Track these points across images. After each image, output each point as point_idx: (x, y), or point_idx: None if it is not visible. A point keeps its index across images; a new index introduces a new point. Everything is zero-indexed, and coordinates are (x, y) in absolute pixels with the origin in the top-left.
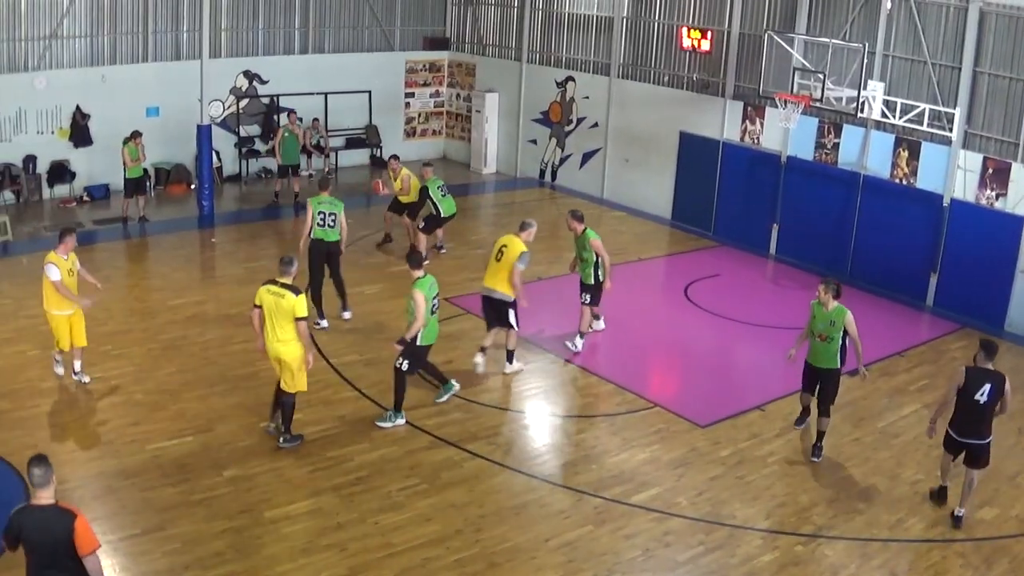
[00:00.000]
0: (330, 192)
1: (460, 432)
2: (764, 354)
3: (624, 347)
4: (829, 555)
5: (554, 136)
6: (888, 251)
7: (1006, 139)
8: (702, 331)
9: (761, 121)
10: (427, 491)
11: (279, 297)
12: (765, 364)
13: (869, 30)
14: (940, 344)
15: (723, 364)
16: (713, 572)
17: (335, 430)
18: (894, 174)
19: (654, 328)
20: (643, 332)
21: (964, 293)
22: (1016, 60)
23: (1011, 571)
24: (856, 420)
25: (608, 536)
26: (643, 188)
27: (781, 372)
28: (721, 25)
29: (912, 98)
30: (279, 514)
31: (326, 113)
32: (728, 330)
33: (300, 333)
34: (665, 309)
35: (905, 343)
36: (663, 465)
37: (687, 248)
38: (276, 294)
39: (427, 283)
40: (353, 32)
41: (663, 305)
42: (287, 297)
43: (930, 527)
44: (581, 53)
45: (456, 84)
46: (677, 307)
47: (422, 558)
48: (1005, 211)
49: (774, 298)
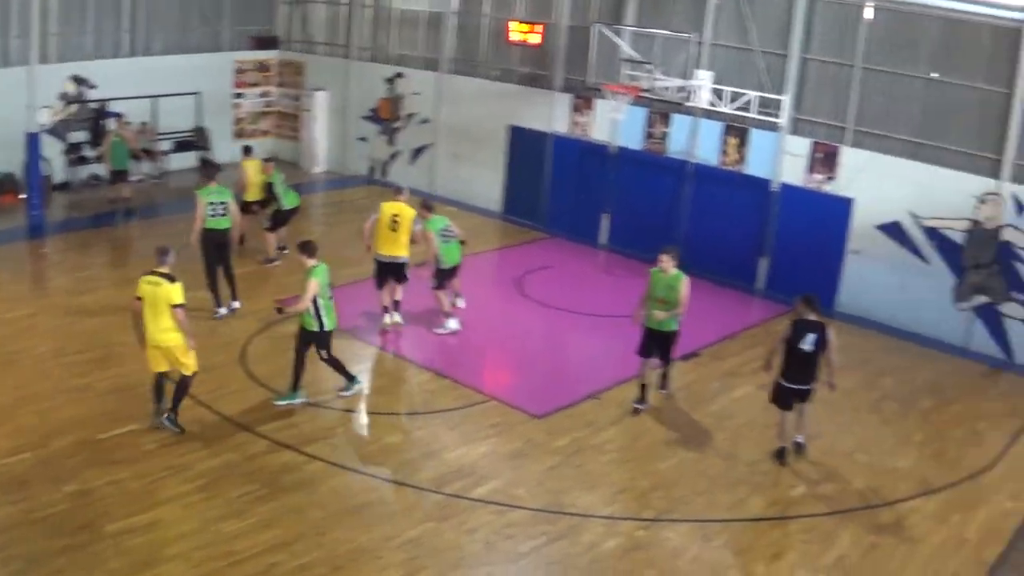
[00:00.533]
0: (217, 182)
1: (298, 435)
2: (597, 343)
3: (459, 342)
4: (671, 538)
5: (384, 133)
6: (719, 237)
7: (834, 123)
8: (536, 323)
9: (590, 112)
10: (268, 496)
11: (156, 286)
12: (599, 353)
13: (697, 20)
14: (771, 326)
15: (557, 355)
16: (557, 562)
17: (173, 439)
18: (723, 161)
19: (488, 322)
20: (477, 326)
21: (794, 276)
22: (843, 46)
23: (852, 545)
24: (691, 404)
25: (451, 531)
26: (474, 182)
27: (615, 361)
28: (549, 18)
29: (740, 86)
30: (121, 527)
31: (155, 116)
32: (561, 321)
33: (178, 320)
34: (498, 302)
35: (736, 327)
36: (502, 458)
37: (519, 241)
38: (153, 283)
39: (321, 271)
40: (181, 33)
41: (496, 298)
42: (163, 286)
43: (769, 505)
44: (410, 49)
45: (285, 83)
46: (510, 300)
47: (267, 564)
48: (834, 194)
49: (606, 288)
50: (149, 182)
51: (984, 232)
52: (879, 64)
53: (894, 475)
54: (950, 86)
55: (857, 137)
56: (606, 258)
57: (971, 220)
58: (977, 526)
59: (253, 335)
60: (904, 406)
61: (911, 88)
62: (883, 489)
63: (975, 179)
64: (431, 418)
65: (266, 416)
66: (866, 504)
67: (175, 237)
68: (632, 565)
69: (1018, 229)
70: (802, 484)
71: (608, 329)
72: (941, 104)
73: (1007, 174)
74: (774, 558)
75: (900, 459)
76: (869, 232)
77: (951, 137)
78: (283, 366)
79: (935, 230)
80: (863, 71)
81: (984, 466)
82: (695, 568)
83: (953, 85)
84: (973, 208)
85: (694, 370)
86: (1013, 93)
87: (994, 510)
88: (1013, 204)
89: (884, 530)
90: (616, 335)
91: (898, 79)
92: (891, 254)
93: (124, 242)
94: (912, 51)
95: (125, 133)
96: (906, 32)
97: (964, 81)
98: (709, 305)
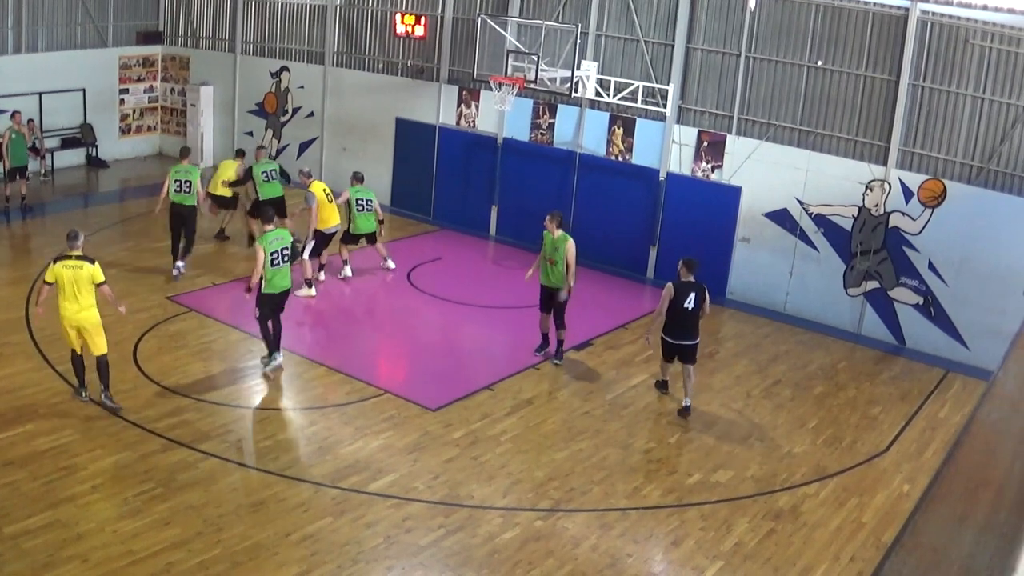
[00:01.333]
0: (189, 161)
1: (192, 432)
2: (490, 335)
3: (350, 336)
4: (569, 528)
5: (270, 127)
6: (608, 227)
7: (720, 112)
8: (427, 315)
9: (477, 104)
10: (164, 495)
11: (77, 269)
12: (492, 344)
13: (582, 11)
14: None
15: (450, 347)
16: (456, 553)
17: (67, 438)
18: (610, 151)
19: (380, 315)
20: (368, 320)
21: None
22: (728, 36)
23: (750, 531)
24: (585, 394)
25: (348, 526)
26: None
27: (508, 352)
28: (435, 10)
29: (626, 76)
30: (18, 529)
31: (41, 114)
32: (453, 313)
33: (106, 295)
34: (389, 295)
35: (629, 316)
36: (398, 451)
37: (408, 233)
38: (74, 267)
39: (267, 239)
40: (66, 29)
41: (387, 292)
42: (85, 267)
43: (667, 493)
44: (295, 43)
45: (170, 78)
46: (401, 293)
47: (165, 563)
48: (721, 183)
49: (496, 278)
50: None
51: (872, 218)
52: (764, 53)
53: (790, 460)
54: (836, 74)
55: (743, 125)
56: (495, 249)
57: (859, 207)
58: (874, 510)
59: (145, 332)
60: (798, 392)
61: (797, 76)
62: (779, 475)
63: (862, 166)
64: (325, 412)
65: (159, 414)
66: (763, 490)
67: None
68: (531, 555)
69: (905, 215)
70: (698, 471)
71: (500, 320)
72: (827, 92)
73: (894, 160)
74: (672, 546)
75: (796, 444)
76: (758, 220)
77: (838, 125)
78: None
79: (823, 217)
80: (748, 60)
81: (879, 450)
82: (594, 557)
83: (839, 73)
84: (861, 195)
85: (588, 359)
86: (899, 80)
87: (891, 494)
88: (901, 190)
89: (781, 516)
90: (508, 326)
91: (783, 67)
92: (780, 241)
93: (20, 240)
94: (797, 39)
95: (22, 128)
96: (791, 20)
97: (850, 69)
98: (601, 295)
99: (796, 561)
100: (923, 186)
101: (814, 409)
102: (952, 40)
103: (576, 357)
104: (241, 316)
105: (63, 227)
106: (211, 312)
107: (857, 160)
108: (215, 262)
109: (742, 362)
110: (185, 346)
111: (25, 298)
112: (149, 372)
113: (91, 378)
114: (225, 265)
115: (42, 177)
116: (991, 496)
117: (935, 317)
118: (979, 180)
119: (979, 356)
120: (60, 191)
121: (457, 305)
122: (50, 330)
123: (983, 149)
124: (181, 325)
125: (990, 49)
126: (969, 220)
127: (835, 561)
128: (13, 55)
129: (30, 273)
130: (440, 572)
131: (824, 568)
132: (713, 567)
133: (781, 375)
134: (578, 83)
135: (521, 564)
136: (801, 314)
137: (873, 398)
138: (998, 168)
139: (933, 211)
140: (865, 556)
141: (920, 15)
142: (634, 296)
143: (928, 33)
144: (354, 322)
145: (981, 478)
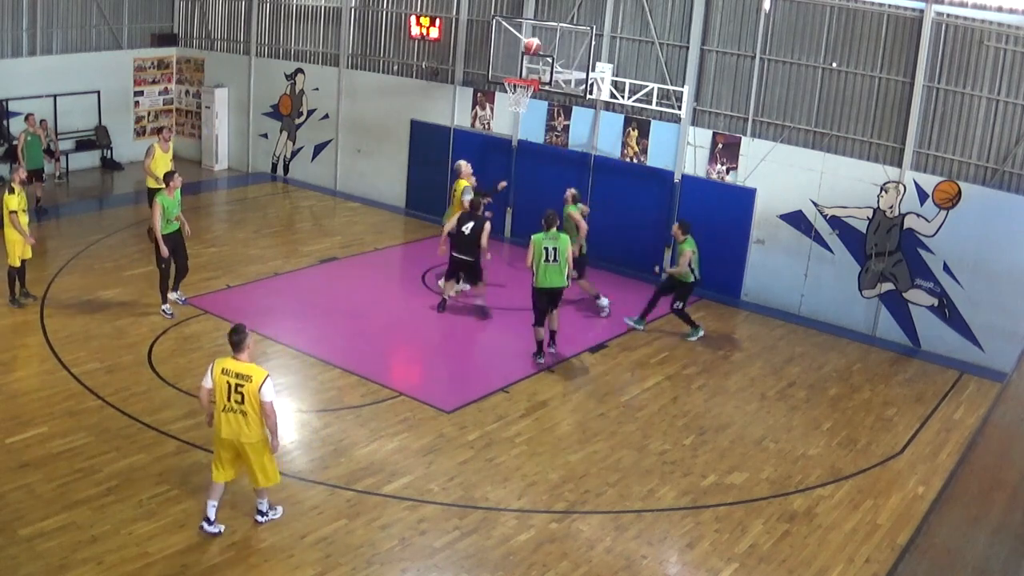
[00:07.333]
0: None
1: (207, 435)
2: (504, 336)
3: (365, 337)
4: (584, 530)
5: (285, 129)
6: (622, 229)
7: (734, 114)
8: (443, 317)
9: (491, 106)
10: (178, 497)
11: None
12: (506, 347)
13: (597, 13)
14: (678, 317)
15: (465, 349)
16: (471, 556)
17: (82, 440)
18: (625, 153)
19: (394, 317)
20: (383, 322)
21: (700, 266)
22: (743, 37)
23: (764, 533)
24: (600, 396)
25: (363, 528)
26: (376, 178)
27: (523, 354)
28: (450, 12)
29: (641, 78)
30: (33, 531)
31: (56, 116)
32: (467, 315)
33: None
34: (404, 298)
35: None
36: (412, 453)
37: (422, 236)
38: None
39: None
40: (81, 32)
41: (402, 294)
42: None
43: (681, 495)
44: (310, 45)
45: (185, 81)
46: (416, 295)
47: (180, 565)
48: (736, 184)
49: (511, 281)
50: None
51: (887, 220)
52: (779, 55)
53: (805, 462)
54: (850, 75)
55: (758, 127)
56: (510, 251)
57: (873, 208)
58: (889, 512)
59: (160, 334)
60: (813, 393)
61: (811, 78)
62: (794, 476)
63: (877, 168)
64: (340, 414)
65: (174, 416)
66: (777, 492)
67: (84, 236)
68: (546, 557)
69: (920, 217)
70: (713, 473)
71: (515, 322)
72: (842, 94)
73: (908, 162)
74: (687, 548)
75: (810, 446)
76: (772, 222)
77: (852, 126)
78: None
79: (838, 218)
80: (763, 62)
81: (894, 452)
82: (609, 559)
83: (853, 74)
84: (876, 197)
85: (603, 361)
86: (913, 82)
87: (905, 495)
88: (916, 191)
89: (796, 517)
90: (523, 328)
91: (798, 69)
92: (795, 243)
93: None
94: (812, 41)
95: (38, 130)
96: (805, 22)
97: (864, 70)
98: (616, 297)
99: (811, 563)
100: (938, 188)
101: (829, 411)
102: (967, 41)
103: (591, 359)
104: (254, 318)
105: (78, 229)
106: (226, 314)
107: (872, 162)
108: (228, 265)
109: (757, 364)
110: (200, 348)
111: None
112: (164, 374)
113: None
114: (238, 269)
115: (57, 179)
116: (1005, 497)
117: (950, 319)
118: (994, 182)
119: (994, 358)
120: (75, 193)
121: (472, 307)
122: (64, 333)
123: (998, 151)
124: (196, 327)
125: (1005, 51)
126: (984, 222)
127: (850, 563)
128: (28, 57)
129: (44, 276)
130: (455, 574)
131: (839, 570)
132: (728, 569)
133: (796, 377)
134: (593, 85)
135: (536, 566)
136: (816, 316)
137: (888, 400)
138: (1013, 170)
139: (948, 213)
140: (880, 558)
141: (935, 16)
142: (649, 298)
143: (943, 34)
144: (369, 325)
145: (995, 480)
